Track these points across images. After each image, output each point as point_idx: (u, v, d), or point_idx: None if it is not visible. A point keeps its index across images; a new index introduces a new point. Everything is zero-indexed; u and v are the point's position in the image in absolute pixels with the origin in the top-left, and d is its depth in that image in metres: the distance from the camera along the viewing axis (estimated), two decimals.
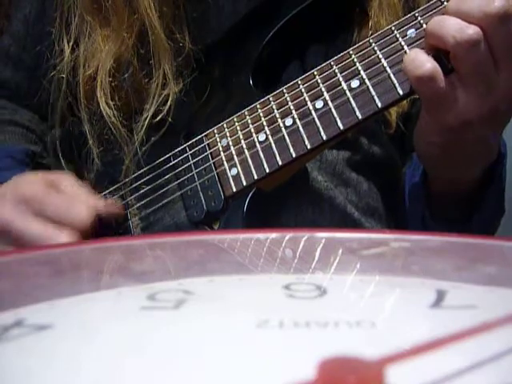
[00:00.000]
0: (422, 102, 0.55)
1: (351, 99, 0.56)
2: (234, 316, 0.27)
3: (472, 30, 0.50)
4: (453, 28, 0.50)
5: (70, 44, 0.68)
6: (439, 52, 0.52)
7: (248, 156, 0.59)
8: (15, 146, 0.74)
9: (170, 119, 0.65)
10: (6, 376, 0.22)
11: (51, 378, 0.21)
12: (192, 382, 0.21)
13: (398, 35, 0.56)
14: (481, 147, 0.57)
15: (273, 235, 0.43)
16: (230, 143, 0.61)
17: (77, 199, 0.62)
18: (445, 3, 0.55)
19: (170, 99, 0.65)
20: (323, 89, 0.57)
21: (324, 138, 0.56)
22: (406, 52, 0.54)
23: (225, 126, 0.62)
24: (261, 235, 0.43)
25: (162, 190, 0.64)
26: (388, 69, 0.55)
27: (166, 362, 0.22)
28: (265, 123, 0.59)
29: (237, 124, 0.61)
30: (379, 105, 0.55)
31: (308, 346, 0.23)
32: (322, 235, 0.42)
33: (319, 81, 0.58)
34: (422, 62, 0.51)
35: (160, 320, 0.27)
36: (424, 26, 0.55)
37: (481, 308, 0.28)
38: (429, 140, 0.57)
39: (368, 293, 0.32)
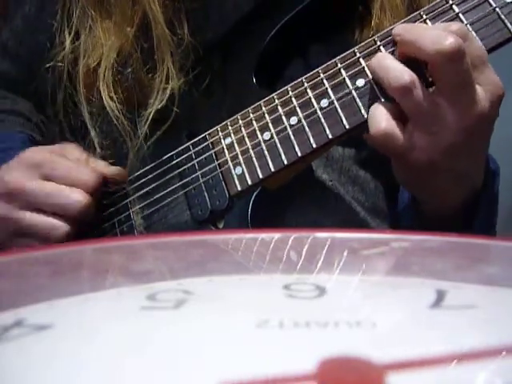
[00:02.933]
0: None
1: (357, 98, 0.56)
2: (234, 316, 0.27)
3: (406, 77, 0.51)
4: (390, 74, 0.51)
5: (71, 36, 0.68)
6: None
7: (253, 155, 0.59)
8: (20, 135, 0.74)
9: (173, 113, 0.65)
10: (6, 376, 0.22)
11: (51, 378, 0.21)
12: (192, 381, 0.21)
13: None
14: (452, 179, 0.57)
15: (273, 235, 0.43)
16: (234, 142, 0.61)
17: (83, 163, 0.63)
18: (450, 1, 0.54)
19: (174, 93, 0.65)
20: (328, 87, 0.57)
21: (330, 136, 0.56)
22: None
23: (228, 124, 0.62)
24: (261, 235, 0.43)
25: (166, 189, 0.64)
26: None
27: (166, 361, 0.22)
28: (269, 122, 0.59)
29: (240, 122, 0.61)
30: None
31: (308, 346, 0.23)
32: (322, 235, 0.42)
33: (324, 79, 0.58)
34: (377, 120, 0.53)
35: (160, 320, 0.27)
36: (429, 24, 0.55)
37: (481, 308, 0.28)
38: (400, 177, 0.59)
39: (368, 293, 0.32)
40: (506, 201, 0.69)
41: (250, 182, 0.59)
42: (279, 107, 0.59)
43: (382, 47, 0.56)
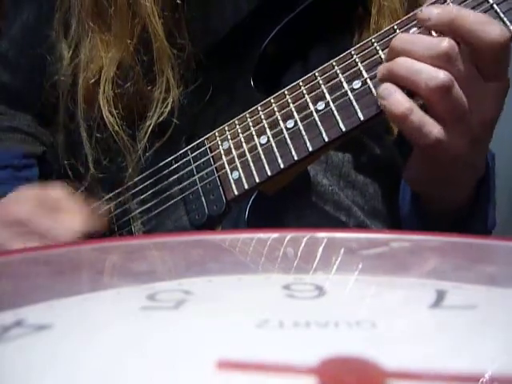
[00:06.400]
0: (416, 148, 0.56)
1: (353, 100, 0.55)
2: (234, 316, 0.27)
3: (443, 75, 0.50)
4: (425, 74, 0.50)
5: (71, 48, 0.68)
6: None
7: (250, 159, 0.59)
8: (15, 150, 0.74)
9: (173, 124, 0.64)
10: (6, 376, 0.21)
11: (51, 378, 0.21)
12: (192, 381, 0.21)
13: None
14: (468, 171, 0.58)
15: (272, 235, 0.43)
16: (232, 146, 0.61)
17: (65, 217, 0.62)
18: (448, 0, 0.54)
19: (173, 104, 0.64)
20: (325, 90, 0.57)
21: (326, 139, 0.56)
22: None
23: (226, 128, 0.62)
24: (260, 235, 0.43)
25: (164, 194, 0.64)
26: None
27: (166, 361, 0.22)
28: (266, 126, 0.59)
29: (238, 127, 0.61)
30: None
31: (308, 346, 0.23)
32: (322, 235, 0.42)
33: (321, 82, 0.58)
34: (398, 101, 0.51)
35: (160, 320, 0.27)
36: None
37: (481, 308, 0.28)
38: (419, 175, 0.58)
39: (368, 293, 0.32)
40: (505, 201, 0.69)
41: (246, 187, 0.58)
42: (276, 111, 0.59)
43: (379, 49, 0.56)
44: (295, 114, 0.58)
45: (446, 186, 0.59)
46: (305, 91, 0.58)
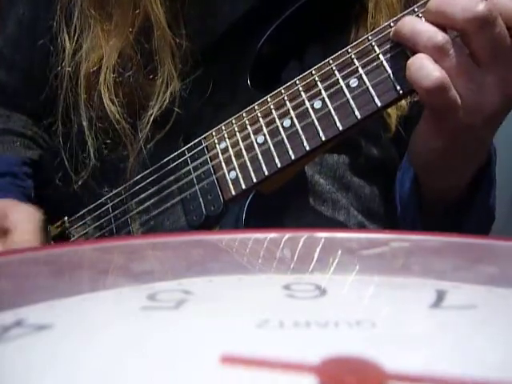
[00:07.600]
0: (427, 110, 0.55)
1: (350, 99, 0.55)
2: (234, 316, 0.27)
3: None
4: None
5: (75, 38, 0.67)
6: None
7: (247, 159, 0.58)
8: (13, 157, 0.74)
9: (174, 115, 0.64)
10: (6, 376, 0.22)
11: (51, 378, 0.21)
12: (192, 382, 0.21)
13: None
14: (478, 150, 0.58)
15: (272, 235, 0.43)
16: (229, 146, 0.60)
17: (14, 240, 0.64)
18: None
19: (174, 96, 0.64)
20: (321, 88, 0.57)
21: (323, 139, 0.55)
22: (406, 52, 0.54)
23: (223, 128, 0.61)
24: (260, 235, 0.43)
25: (163, 195, 0.64)
26: (387, 67, 0.54)
27: (166, 361, 0.22)
28: (263, 125, 0.59)
29: (235, 126, 0.60)
30: (378, 104, 0.54)
31: (308, 346, 0.23)
32: (322, 235, 0.42)
33: (317, 79, 0.57)
34: (429, 71, 0.51)
35: (160, 320, 0.27)
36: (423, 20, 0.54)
37: (481, 308, 0.28)
38: (429, 147, 0.57)
39: (368, 293, 0.32)
40: (505, 201, 0.69)
41: (244, 187, 0.58)
42: (273, 109, 0.59)
43: (375, 46, 0.55)
44: (292, 112, 0.57)
45: (451, 163, 0.58)
46: (301, 89, 0.58)
